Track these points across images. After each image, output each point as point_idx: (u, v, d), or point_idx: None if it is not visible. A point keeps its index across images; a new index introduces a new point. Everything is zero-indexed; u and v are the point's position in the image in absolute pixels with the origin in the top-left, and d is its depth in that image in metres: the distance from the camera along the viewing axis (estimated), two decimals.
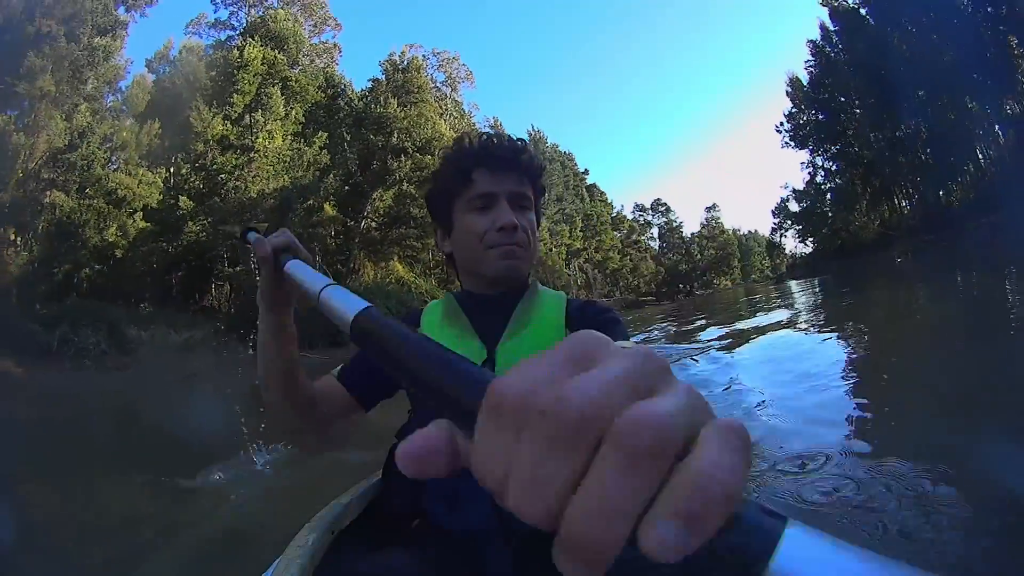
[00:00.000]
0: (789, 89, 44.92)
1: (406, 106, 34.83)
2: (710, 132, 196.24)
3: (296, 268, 0.84)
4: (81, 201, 23.29)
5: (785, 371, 5.94)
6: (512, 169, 1.32)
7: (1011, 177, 27.24)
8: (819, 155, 43.82)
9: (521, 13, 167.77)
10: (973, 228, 24.67)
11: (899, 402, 4.05)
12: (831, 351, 6.58)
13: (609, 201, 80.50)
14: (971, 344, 5.31)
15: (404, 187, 32.56)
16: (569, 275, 58.50)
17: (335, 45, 42.84)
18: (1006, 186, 26.40)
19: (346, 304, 0.54)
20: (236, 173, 27.56)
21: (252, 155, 27.71)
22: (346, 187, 32.50)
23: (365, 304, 0.52)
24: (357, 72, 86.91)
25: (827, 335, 8.29)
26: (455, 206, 1.35)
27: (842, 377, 4.99)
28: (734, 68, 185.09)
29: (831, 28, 39.62)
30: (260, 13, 37.70)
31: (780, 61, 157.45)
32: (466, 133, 1.41)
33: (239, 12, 38.39)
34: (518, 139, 1.39)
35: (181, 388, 14.03)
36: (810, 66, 42.74)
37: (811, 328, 9.57)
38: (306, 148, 30.04)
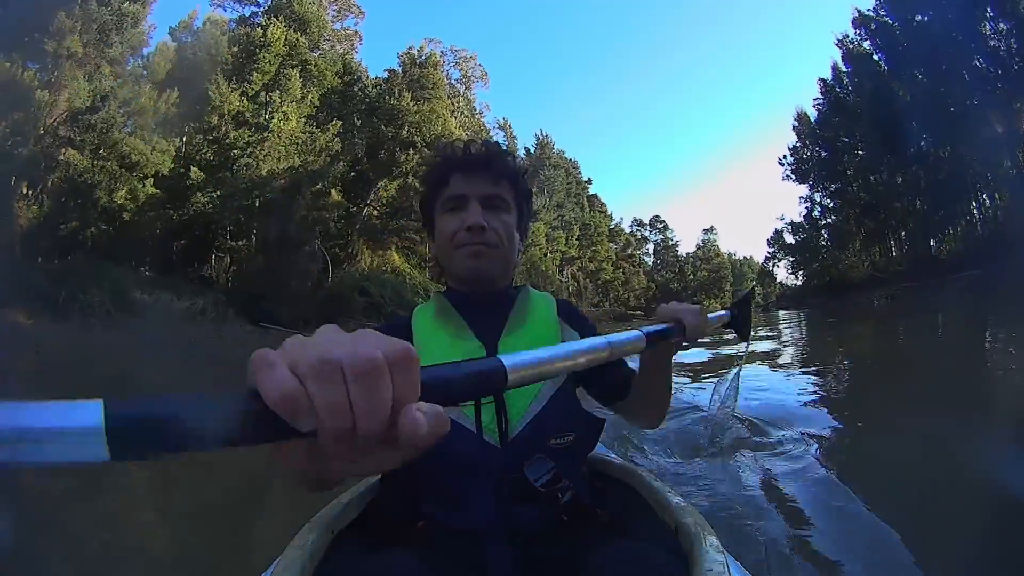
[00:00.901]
0: (796, 123, 45.51)
1: (419, 101, 35.13)
2: (716, 158, 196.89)
3: None
4: (95, 162, 23.71)
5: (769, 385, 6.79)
6: (485, 171, 1.39)
7: (1000, 235, 28.01)
8: (818, 191, 44.44)
9: (544, 20, 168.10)
10: (954, 280, 25.64)
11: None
12: (803, 377, 7.41)
13: (609, 213, 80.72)
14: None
15: (409, 180, 32.73)
16: (561, 282, 58.84)
17: (356, 32, 42.75)
18: (993, 243, 27.15)
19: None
20: (248, 150, 27.95)
21: (266, 135, 28.17)
22: (352, 173, 32.91)
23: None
24: (374, 59, 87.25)
25: (800, 364, 9.12)
26: (435, 209, 1.43)
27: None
28: (748, 98, 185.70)
29: (843, 69, 40.29)
30: None
31: (792, 95, 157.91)
32: (448, 141, 1.48)
33: None
34: (494, 142, 1.46)
35: (182, 354, 14.77)
36: (818, 104, 43.28)
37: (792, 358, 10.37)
38: (319, 134, 30.37)
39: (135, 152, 24.52)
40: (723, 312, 1.45)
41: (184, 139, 28.64)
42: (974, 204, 32.40)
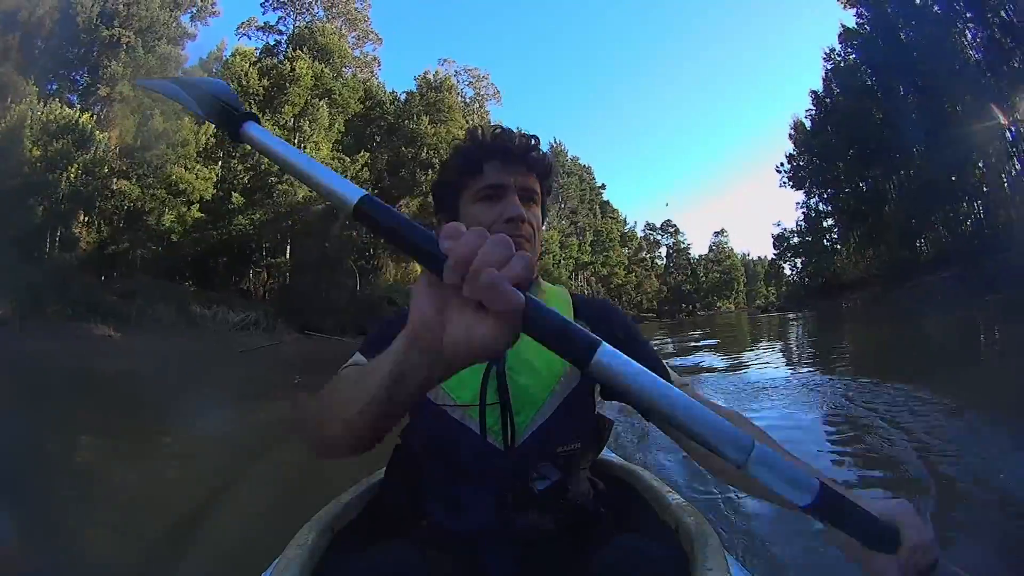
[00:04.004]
0: (792, 132, 47.21)
1: (436, 123, 37.22)
2: (730, 159, 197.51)
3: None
4: (144, 190, 26.00)
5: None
6: (523, 162, 1.32)
7: (971, 241, 30.12)
8: (814, 197, 46.20)
9: (557, 28, 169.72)
10: (916, 284, 28.25)
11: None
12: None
13: (622, 218, 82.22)
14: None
15: (429, 199, 34.11)
16: (574, 287, 59.74)
17: (375, 58, 44.86)
18: (965, 249, 29.28)
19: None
20: (284, 176, 29.93)
21: None
22: (375, 190, 34.25)
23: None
24: (392, 75, 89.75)
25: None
26: (463, 196, 1.32)
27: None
28: (762, 99, 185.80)
29: (832, 81, 42.08)
30: (307, 20, 40.09)
31: (800, 100, 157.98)
32: (479, 126, 1.42)
33: (287, 18, 40.58)
34: (531, 135, 1.36)
35: (249, 358, 17.31)
36: (811, 114, 45.11)
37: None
38: (350, 162, 32.76)
39: (182, 181, 26.83)
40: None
41: (221, 164, 30.72)
42: (946, 213, 34.12)
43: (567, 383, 1.22)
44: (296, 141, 31.77)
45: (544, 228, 1.41)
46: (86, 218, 25.94)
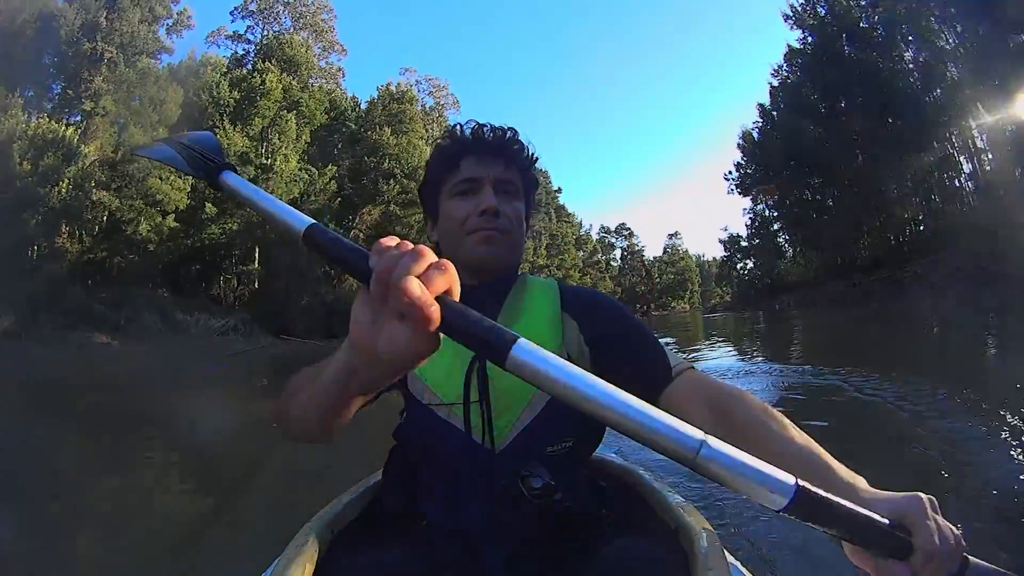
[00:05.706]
0: (740, 142, 49.34)
1: (397, 134, 38.66)
2: (684, 159, 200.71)
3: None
4: (123, 201, 27.17)
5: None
6: (499, 155, 1.32)
7: (898, 249, 32.88)
8: (760, 204, 48.68)
9: (511, 27, 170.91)
10: (845, 285, 31.46)
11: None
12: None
13: (577, 221, 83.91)
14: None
15: (391, 208, 36.69)
16: None
17: (340, 69, 46.41)
18: (890, 257, 32.05)
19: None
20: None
21: (270, 175, 31.95)
22: (338, 198, 36.20)
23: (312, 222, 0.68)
24: (354, 81, 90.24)
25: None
26: (442, 193, 1.34)
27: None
28: (715, 95, 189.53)
29: (779, 96, 44.34)
30: (275, 31, 41.59)
31: (757, 94, 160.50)
32: (458, 124, 1.39)
33: (256, 27, 42.12)
34: (508, 128, 1.38)
35: (234, 361, 19.09)
36: (758, 126, 47.40)
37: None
38: (318, 176, 34.31)
39: (158, 192, 27.99)
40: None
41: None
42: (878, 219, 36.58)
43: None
44: (265, 152, 33.12)
45: (532, 216, 1.46)
46: (68, 229, 26.80)
